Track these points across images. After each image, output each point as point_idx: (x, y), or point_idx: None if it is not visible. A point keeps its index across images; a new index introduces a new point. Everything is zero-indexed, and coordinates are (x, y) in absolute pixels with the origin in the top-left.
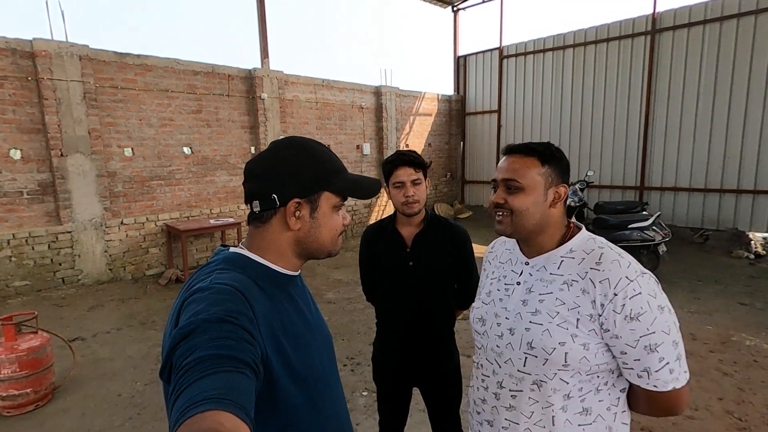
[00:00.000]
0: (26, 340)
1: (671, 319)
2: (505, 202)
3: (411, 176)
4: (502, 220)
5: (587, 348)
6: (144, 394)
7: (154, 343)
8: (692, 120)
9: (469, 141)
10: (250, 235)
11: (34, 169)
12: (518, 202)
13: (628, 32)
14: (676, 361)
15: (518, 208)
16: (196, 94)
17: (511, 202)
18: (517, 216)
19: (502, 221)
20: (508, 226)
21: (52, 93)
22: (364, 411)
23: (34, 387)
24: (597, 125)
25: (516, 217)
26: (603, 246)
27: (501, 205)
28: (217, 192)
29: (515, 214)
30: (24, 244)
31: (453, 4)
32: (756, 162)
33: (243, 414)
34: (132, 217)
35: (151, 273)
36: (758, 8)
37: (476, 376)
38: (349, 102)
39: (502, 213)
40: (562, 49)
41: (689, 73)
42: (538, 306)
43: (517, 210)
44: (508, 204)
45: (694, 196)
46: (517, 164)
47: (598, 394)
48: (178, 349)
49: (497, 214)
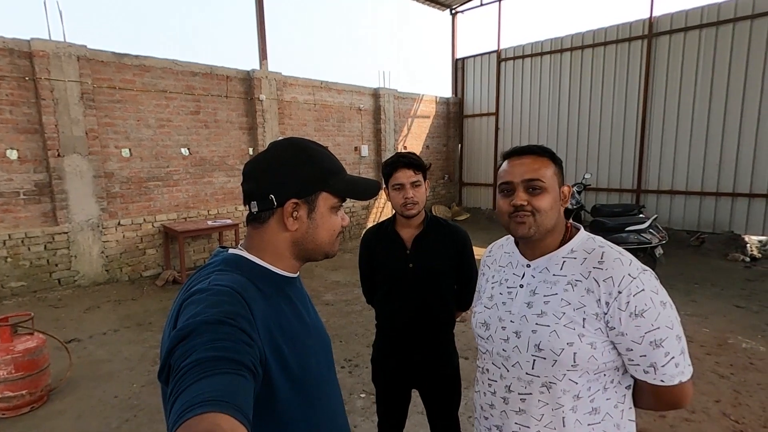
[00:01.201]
0: (22, 342)
1: (673, 314)
2: (528, 203)
3: (410, 178)
4: (525, 221)
5: (594, 347)
6: (141, 396)
7: (151, 345)
8: (688, 124)
9: (467, 143)
10: (249, 236)
11: (30, 170)
12: (542, 202)
13: (625, 36)
14: (680, 355)
15: (543, 208)
16: (194, 95)
17: (536, 202)
18: (541, 216)
19: (525, 222)
20: (532, 227)
21: (50, 93)
22: (362, 413)
23: (29, 389)
24: (594, 128)
25: (539, 218)
26: (603, 245)
27: (523, 206)
28: (215, 193)
29: (539, 214)
30: (20, 244)
31: (451, 6)
32: (752, 166)
33: (241, 416)
34: (129, 218)
35: (148, 274)
36: (754, 13)
37: (482, 381)
38: (348, 104)
39: (523, 214)
40: (559, 52)
41: (686, 77)
42: (544, 308)
43: (541, 210)
44: (531, 204)
45: (690, 199)
46: (537, 164)
47: (605, 392)
48: (176, 350)
49: (518, 215)
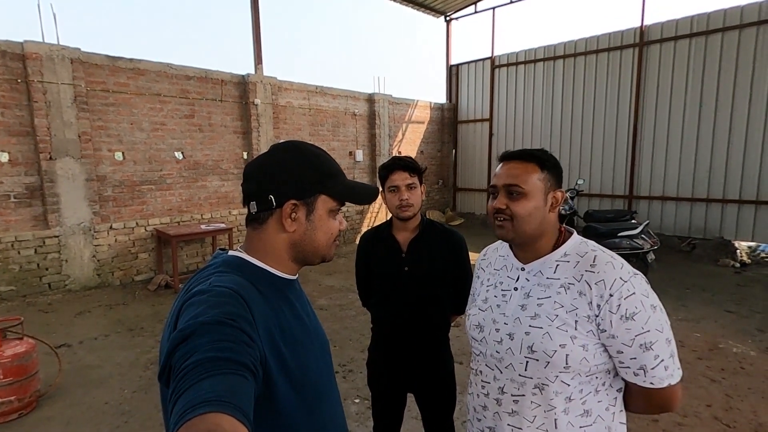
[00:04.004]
0: (11, 347)
1: (663, 317)
2: (507, 208)
3: (406, 180)
4: (504, 225)
5: (586, 349)
6: (132, 402)
7: (143, 350)
8: (679, 130)
9: (461, 149)
10: (248, 238)
11: (22, 173)
12: (520, 207)
13: (616, 44)
14: (670, 358)
15: (520, 213)
16: (188, 98)
17: (514, 207)
18: (519, 221)
19: (503, 226)
20: (510, 231)
21: (42, 96)
22: (356, 418)
23: (18, 395)
24: (587, 135)
25: (517, 222)
26: (595, 249)
27: (502, 210)
28: (209, 197)
29: (517, 219)
30: (10, 248)
31: (446, 14)
32: (741, 172)
33: (242, 416)
34: (121, 222)
35: (140, 279)
36: (742, 23)
37: (475, 383)
38: (343, 109)
39: (503, 218)
40: (552, 59)
41: (676, 85)
42: (537, 310)
43: (519, 215)
44: (510, 209)
45: (681, 205)
46: (519, 170)
47: (597, 395)
48: (177, 351)
49: (498, 219)
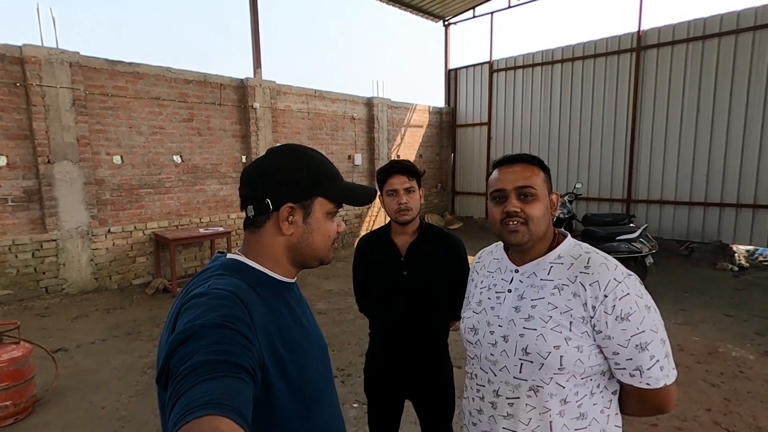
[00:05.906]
0: (7, 351)
1: (657, 318)
2: (521, 211)
3: (404, 184)
4: (518, 229)
5: (581, 350)
6: (129, 406)
7: (140, 354)
8: (677, 134)
9: (460, 153)
10: (246, 241)
11: (19, 176)
12: (535, 209)
13: (614, 49)
14: (665, 359)
15: (535, 215)
16: (187, 102)
17: (528, 210)
18: (533, 223)
19: (517, 230)
20: (525, 234)
21: (41, 99)
22: (354, 423)
23: (14, 400)
24: (585, 139)
25: (532, 225)
26: (589, 251)
27: (516, 213)
28: (207, 201)
29: (531, 221)
30: (7, 252)
31: (444, 18)
32: (738, 176)
33: (240, 419)
34: (119, 226)
35: (138, 282)
36: (738, 28)
37: (470, 386)
38: (341, 113)
39: (516, 221)
40: (550, 64)
41: (673, 89)
42: (531, 311)
43: (533, 217)
44: (524, 212)
45: (679, 209)
46: (528, 172)
47: (592, 397)
48: (175, 354)
49: (511, 222)
